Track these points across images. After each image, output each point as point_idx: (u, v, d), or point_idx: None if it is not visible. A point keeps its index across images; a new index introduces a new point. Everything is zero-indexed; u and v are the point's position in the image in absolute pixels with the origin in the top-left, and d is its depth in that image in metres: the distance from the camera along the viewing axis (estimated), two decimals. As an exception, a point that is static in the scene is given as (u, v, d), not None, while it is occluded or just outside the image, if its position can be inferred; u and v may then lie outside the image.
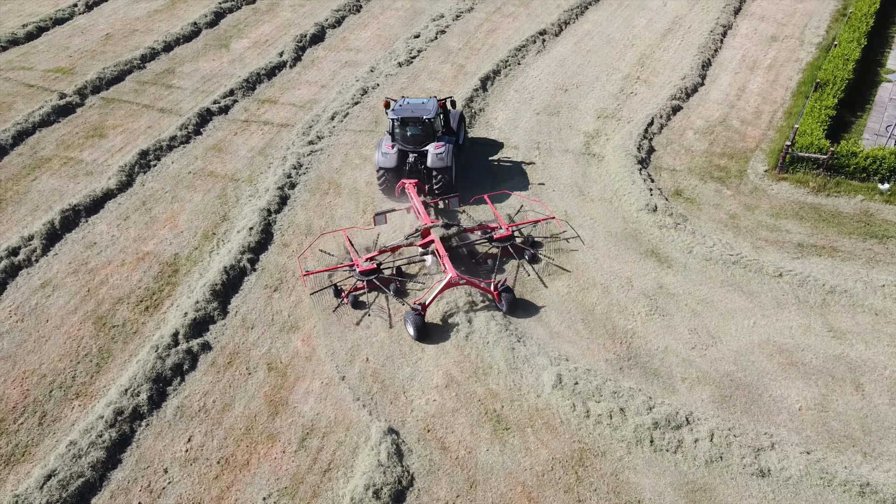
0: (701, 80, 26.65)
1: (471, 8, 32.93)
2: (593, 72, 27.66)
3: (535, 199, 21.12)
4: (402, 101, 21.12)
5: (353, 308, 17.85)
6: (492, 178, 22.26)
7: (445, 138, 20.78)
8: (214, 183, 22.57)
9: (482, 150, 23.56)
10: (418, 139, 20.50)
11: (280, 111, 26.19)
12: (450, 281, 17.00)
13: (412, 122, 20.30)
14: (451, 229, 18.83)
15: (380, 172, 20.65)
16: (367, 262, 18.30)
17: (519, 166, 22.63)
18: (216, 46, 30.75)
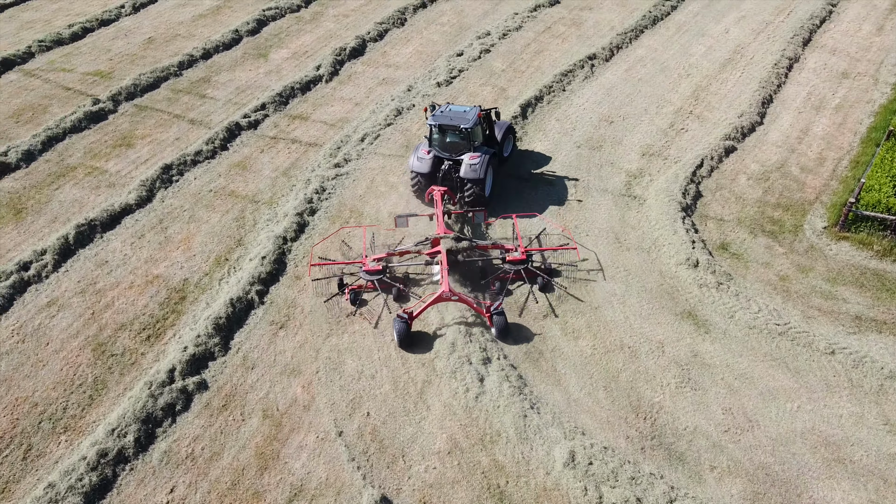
0: (760, 119, 24.65)
1: (519, 26, 31.52)
2: (643, 103, 25.94)
3: (563, 227, 19.94)
4: (445, 107, 21.02)
5: (352, 304, 17.89)
6: (523, 202, 20.90)
7: (483, 149, 20.33)
8: (234, 203, 21.81)
9: (513, 183, 22.22)
10: (455, 147, 20.29)
11: (310, 129, 25.32)
12: (441, 295, 16.73)
13: (450, 129, 20.08)
14: (462, 243, 18.44)
15: (413, 177, 20.54)
16: (373, 262, 18.21)
17: (552, 203, 21.18)
18: (255, 56, 30.15)
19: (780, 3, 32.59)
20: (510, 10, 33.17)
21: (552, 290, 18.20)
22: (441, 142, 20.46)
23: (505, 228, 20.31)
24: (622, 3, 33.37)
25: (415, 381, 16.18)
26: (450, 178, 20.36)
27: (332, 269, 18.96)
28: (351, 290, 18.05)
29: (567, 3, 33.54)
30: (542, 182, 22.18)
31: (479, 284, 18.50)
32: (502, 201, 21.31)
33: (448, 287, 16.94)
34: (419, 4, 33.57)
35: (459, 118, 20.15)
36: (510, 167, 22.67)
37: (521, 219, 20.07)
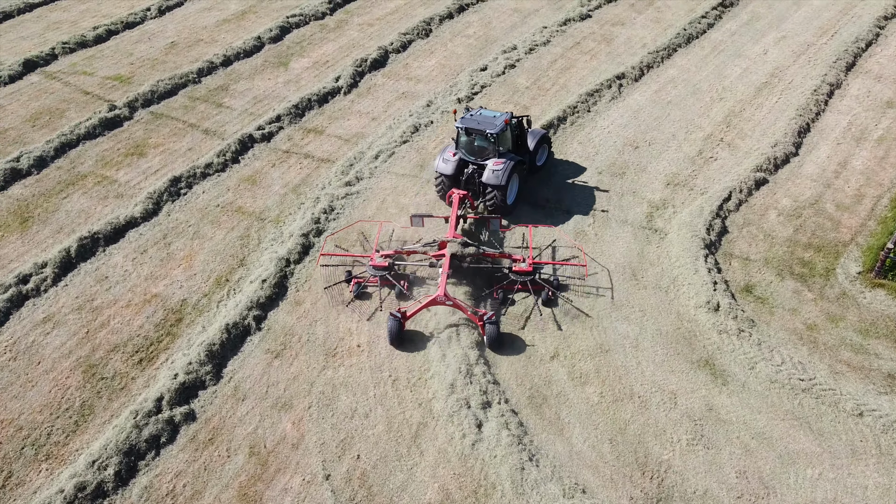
0: (795, 150, 23.29)
1: (547, 41, 30.49)
2: (671, 128, 24.75)
3: (578, 245, 19.64)
4: (476, 111, 20.91)
5: (356, 298, 18.30)
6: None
7: (510, 156, 20.17)
8: (240, 220, 21.26)
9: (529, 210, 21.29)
10: (481, 152, 20.26)
11: (324, 143, 24.69)
12: (435, 298, 16.91)
13: (477, 133, 20.01)
14: (468, 249, 18.44)
15: (437, 178, 20.64)
16: (381, 258, 18.50)
17: (568, 231, 20.21)
18: (275, 64, 29.66)
19: (823, 24, 31.03)
20: (539, 23, 32.17)
21: (556, 304, 17.93)
22: (468, 145, 20.41)
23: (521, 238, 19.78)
24: (657, 20, 32.12)
25: (410, 422, 15.39)
26: (473, 182, 20.32)
27: (342, 260, 19.42)
28: (357, 282, 18.40)
29: (599, 18, 32.41)
30: (558, 210, 21.20)
31: (483, 291, 18.39)
32: (525, 211, 21.16)
33: (443, 291, 16.98)
34: (446, 15, 32.75)
35: (487, 123, 20.02)
36: (540, 179, 21.83)
37: (538, 231, 20.18)
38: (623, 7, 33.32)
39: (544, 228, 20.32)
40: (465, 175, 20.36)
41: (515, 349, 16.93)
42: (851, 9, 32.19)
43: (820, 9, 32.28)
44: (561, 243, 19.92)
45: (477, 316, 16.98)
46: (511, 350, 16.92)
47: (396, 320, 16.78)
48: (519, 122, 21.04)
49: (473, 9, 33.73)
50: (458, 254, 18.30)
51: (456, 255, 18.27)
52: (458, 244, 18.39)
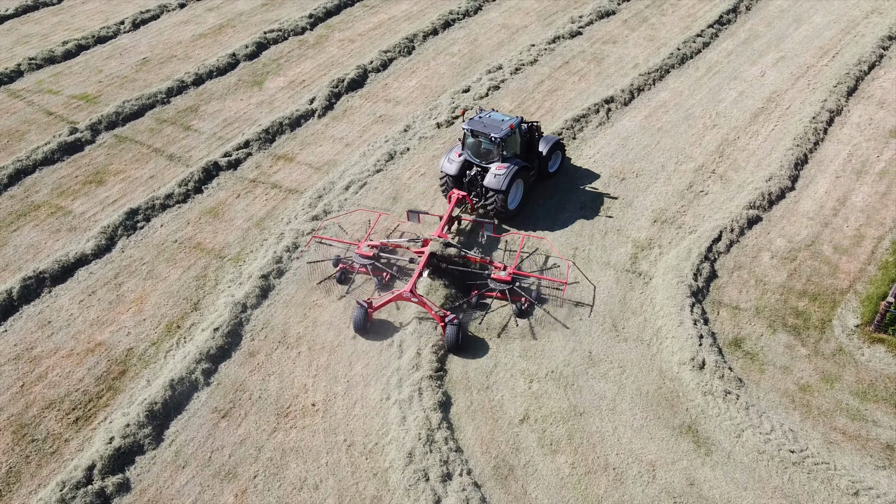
0: (791, 184, 21.89)
1: (535, 60, 29.13)
2: (661, 157, 23.38)
3: (569, 262, 19.14)
4: (485, 113, 20.80)
5: (338, 282, 18.78)
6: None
7: (514, 161, 20.07)
8: (198, 258, 19.98)
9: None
10: (486, 155, 20.22)
11: (293, 172, 23.39)
12: (401, 293, 17.11)
13: (481, 136, 19.95)
14: (449, 250, 18.53)
15: (442, 177, 20.69)
16: (367, 248, 18.77)
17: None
18: (249, 83, 28.36)
19: (824, 44, 29.59)
20: (527, 40, 30.80)
21: (530, 315, 17.81)
22: (474, 147, 20.38)
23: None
24: (650, 37, 30.73)
25: (363, 496, 14.11)
26: (475, 184, 20.33)
27: (332, 245, 19.91)
28: (342, 267, 18.81)
29: (590, 35, 31.04)
30: (539, 252, 19.88)
31: (461, 294, 18.41)
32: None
33: (410, 288, 17.12)
34: (430, 31, 31.40)
35: (493, 126, 19.93)
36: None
37: (530, 240, 20.03)
38: (616, 24, 31.95)
39: (537, 239, 20.00)
40: (468, 177, 20.35)
41: (483, 411, 15.63)
42: (854, 27, 30.76)
43: (821, 27, 30.86)
44: (553, 254, 19.58)
45: (440, 316, 16.96)
46: (478, 411, 15.61)
47: (363, 310, 17.08)
48: (530, 128, 20.94)
49: (460, 24, 32.39)
50: (438, 253, 18.36)
51: (435, 255, 18.37)
52: (440, 244, 18.49)
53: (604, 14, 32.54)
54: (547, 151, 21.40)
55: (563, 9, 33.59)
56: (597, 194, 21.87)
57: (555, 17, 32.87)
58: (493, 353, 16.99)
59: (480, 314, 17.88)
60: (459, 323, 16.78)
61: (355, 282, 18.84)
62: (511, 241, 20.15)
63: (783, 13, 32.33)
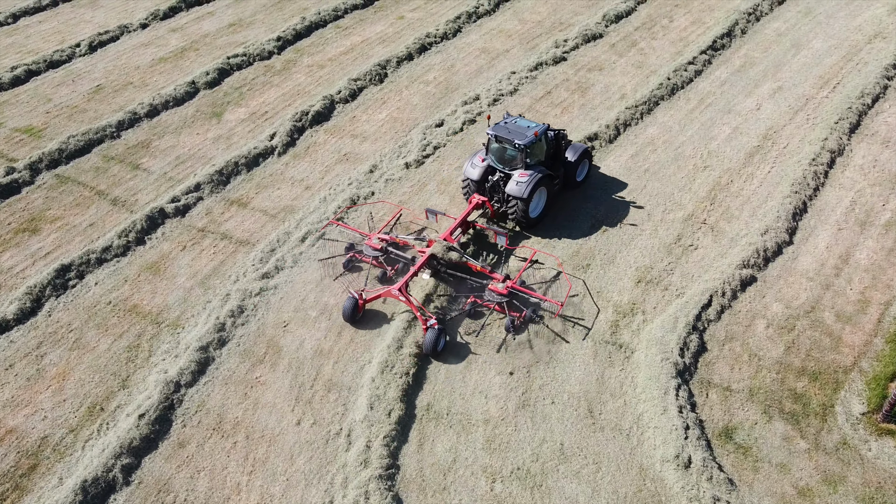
0: (789, 237, 20.00)
1: (515, 89, 27.19)
2: (648, 204, 21.46)
3: (570, 284, 18.53)
4: (511, 118, 20.48)
5: (343, 267, 19.09)
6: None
7: (538, 169, 19.75)
8: (132, 324, 18.03)
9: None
10: (510, 161, 20.00)
11: (246, 219, 21.43)
12: (390, 290, 17.34)
13: (505, 142, 19.66)
14: (451, 254, 18.48)
15: (464, 182, 20.58)
16: (377, 241, 18.94)
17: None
18: (207, 115, 26.37)
19: (824, 73, 27.69)
20: (508, 67, 28.87)
21: (521, 331, 17.34)
22: (498, 153, 20.17)
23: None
24: (639, 64, 28.81)
25: None
26: (497, 190, 20.10)
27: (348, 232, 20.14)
28: (352, 255, 19.11)
29: (575, 61, 29.10)
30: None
31: (460, 299, 18.40)
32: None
33: (400, 286, 17.31)
34: (405, 56, 29.44)
35: (517, 133, 19.60)
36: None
37: (539, 258, 19.58)
38: (602, 48, 30.02)
39: (546, 256, 19.58)
40: (490, 182, 20.10)
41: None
42: (856, 54, 28.86)
43: (821, 54, 28.97)
44: (556, 272, 19.18)
45: (424, 318, 16.90)
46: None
47: (353, 300, 17.35)
48: (556, 135, 20.56)
49: (437, 48, 30.43)
50: (439, 256, 18.39)
51: (435, 257, 18.42)
52: (443, 246, 18.46)
53: (590, 38, 30.62)
54: (575, 160, 20.95)
55: (548, 31, 31.66)
56: (577, 247, 19.94)
57: (538, 40, 30.94)
58: (453, 445, 15.06)
59: (476, 327, 17.56)
60: (441, 330, 16.69)
61: (357, 272, 19.16)
62: (519, 254, 19.79)
63: (781, 37, 30.44)
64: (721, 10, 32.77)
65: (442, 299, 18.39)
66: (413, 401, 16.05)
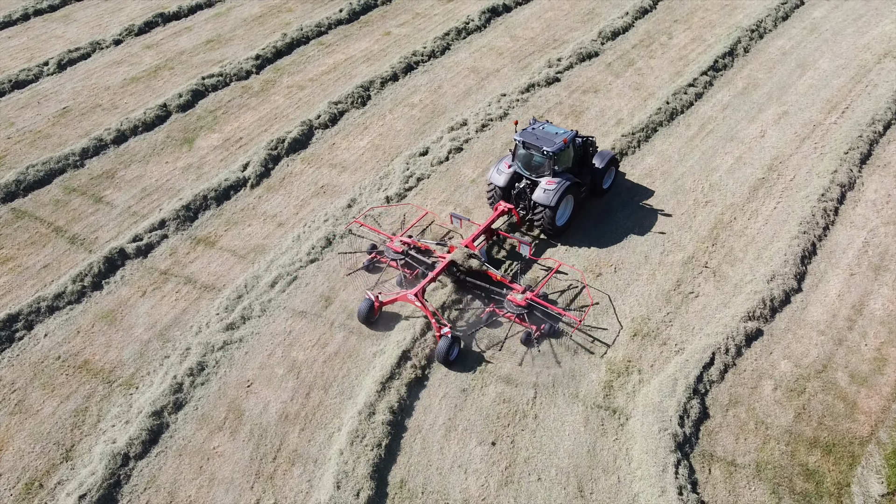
0: (797, 284, 18.52)
1: (505, 113, 25.70)
2: (644, 245, 19.98)
3: (592, 302, 17.95)
4: (538, 124, 20.11)
5: (365, 269, 19.01)
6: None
7: (566, 176, 19.37)
8: (81, 384, 16.52)
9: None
10: (537, 168, 19.56)
11: (213, 260, 19.92)
12: (406, 295, 17.06)
13: (533, 149, 19.17)
14: (471, 261, 17.98)
15: (490, 188, 20.24)
16: (399, 243, 18.73)
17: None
18: (178, 141, 24.85)
19: (832, 96, 26.21)
20: (498, 88, 27.38)
21: (532, 345, 16.92)
22: (525, 159, 19.71)
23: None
24: (636, 85, 27.32)
25: None
26: (523, 197, 19.75)
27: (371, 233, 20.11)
28: (373, 256, 19.00)
29: (569, 82, 27.61)
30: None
31: (481, 308, 18.04)
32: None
33: (416, 291, 17.02)
34: (389, 76, 27.93)
35: (546, 140, 19.19)
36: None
37: (564, 270, 19.08)
38: (598, 68, 28.52)
39: (570, 268, 19.09)
40: (517, 189, 19.73)
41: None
42: (865, 75, 27.39)
43: (828, 75, 27.49)
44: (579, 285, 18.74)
45: (438, 325, 16.64)
46: None
47: (369, 302, 17.23)
48: (584, 142, 20.20)
49: (424, 67, 28.92)
50: (458, 262, 17.96)
51: (455, 264, 18.04)
52: (463, 253, 18.04)
53: (585, 56, 29.11)
54: (602, 167, 20.55)
55: (541, 49, 30.16)
56: (565, 299, 18.43)
57: (530, 59, 29.44)
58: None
59: (492, 338, 17.24)
60: (454, 338, 16.44)
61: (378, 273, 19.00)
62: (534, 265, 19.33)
63: (785, 56, 28.95)
64: (722, 27, 31.29)
65: (458, 307, 18.14)
66: (385, 476, 14.56)
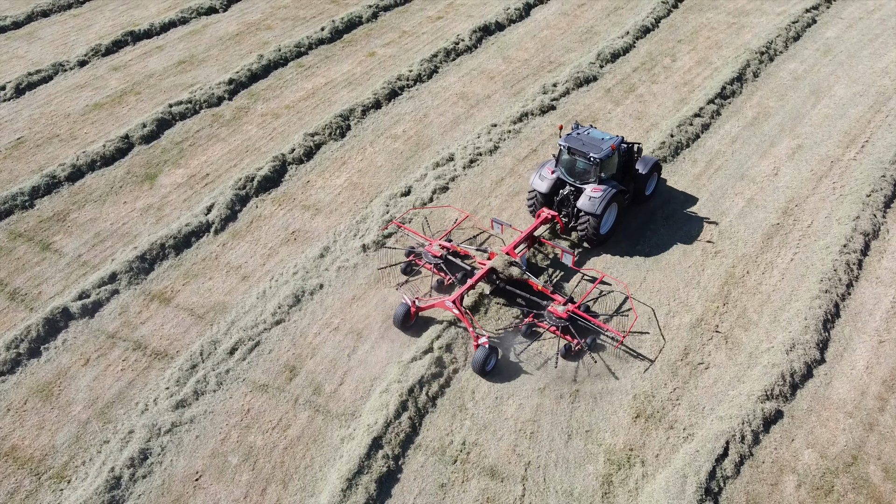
0: (819, 354, 16.52)
1: (495, 147, 23.67)
2: (649, 303, 17.94)
3: (636, 315, 17.37)
4: (583, 129, 19.50)
5: (402, 272, 18.60)
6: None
7: (611, 183, 18.80)
8: (5, 475, 14.47)
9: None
10: (581, 174, 19.03)
11: (167, 321, 17.88)
12: (444, 301, 16.61)
13: (579, 154, 18.67)
14: (512, 269, 17.52)
15: (531, 194, 19.68)
16: (438, 247, 18.32)
17: None
18: (139, 178, 22.81)
19: (850, 128, 24.20)
20: (489, 117, 25.36)
21: (574, 359, 16.39)
22: (568, 165, 19.16)
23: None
24: (638, 115, 25.30)
25: None
26: (566, 204, 19.20)
27: (409, 236, 19.84)
28: (411, 259, 18.63)
29: (565, 109, 25.59)
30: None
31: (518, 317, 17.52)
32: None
33: (454, 298, 16.60)
34: (371, 104, 25.91)
35: (592, 145, 18.61)
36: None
37: (608, 283, 18.47)
38: (597, 94, 26.51)
39: (615, 282, 18.44)
40: (560, 196, 19.19)
41: None
42: (885, 103, 25.39)
43: (844, 103, 25.48)
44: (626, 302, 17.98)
45: (476, 334, 16.24)
46: None
47: (406, 307, 16.83)
48: (629, 149, 19.68)
49: (409, 93, 26.89)
50: (498, 270, 17.53)
51: (495, 271, 17.62)
52: (504, 260, 17.58)
53: (583, 81, 27.10)
54: (646, 172, 19.99)
55: (536, 72, 28.15)
56: (559, 370, 16.40)
57: (524, 83, 27.42)
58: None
59: (529, 349, 16.73)
60: (492, 348, 15.98)
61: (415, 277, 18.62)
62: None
63: (797, 82, 26.95)
64: (729, 48, 29.30)
65: (496, 315, 17.64)
66: None
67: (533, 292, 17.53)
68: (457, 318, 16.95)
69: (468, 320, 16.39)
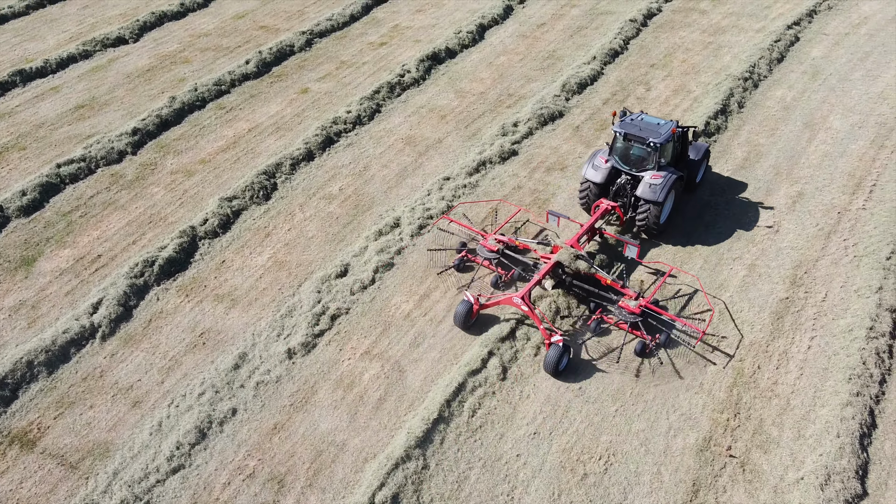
0: (860, 485, 13.21)
1: (448, 205, 20.00)
2: (641, 418, 14.48)
3: (714, 309, 16.23)
4: (636, 115, 18.80)
5: (455, 269, 17.67)
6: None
7: (670, 170, 18.00)
8: None
9: None
10: (638, 162, 18.16)
11: (28, 476, 13.74)
12: (511, 298, 15.62)
13: (636, 140, 17.86)
14: (579, 263, 16.49)
15: (584, 185, 18.75)
16: (493, 241, 17.43)
17: None
18: (13, 264, 18.58)
19: (853, 168, 21.18)
20: (441, 169, 21.72)
21: (650, 356, 15.44)
22: (623, 153, 18.34)
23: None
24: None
25: None
26: (624, 193, 18.42)
27: (460, 230, 18.69)
28: (463, 255, 17.72)
29: (529, 155, 22.07)
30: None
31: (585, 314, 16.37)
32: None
33: (523, 294, 15.56)
34: (303, 155, 22.05)
35: (650, 131, 17.96)
36: None
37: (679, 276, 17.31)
38: (564, 134, 23.04)
39: (686, 276, 17.40)
40: (616, 185, 18.44)
41: None
42: (887, 136, 22.44)
43: (843, 137, 22.47)
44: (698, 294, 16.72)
45: (547, 332, 15.42)
46: None
47: (468, 305, 15.96)
48: (683, 133, 18.81)
49: (347, 139, 23.09)
50: (565, 264, 16.59)
51: (561, 265, 16.69)
52: (570, 254, 16.67)
53: (548, 118, 23.65)
54: (699, 159, 19.36)
55: (493, 107, 24.60)
56: (548, 495, 12.87)
57: (480, 122, 23.85)
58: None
59: (602, 346, 15.77)
60: (566, 346, 15.05)
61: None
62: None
63: (788, 112, 23.88)
64: (708, 72, 26.17)
65: (563, 312, 16.71)
66: None
67: (601, 287, 16.61)
68: (525, 315, 16.09)
69: (537, 317, 15.44)
